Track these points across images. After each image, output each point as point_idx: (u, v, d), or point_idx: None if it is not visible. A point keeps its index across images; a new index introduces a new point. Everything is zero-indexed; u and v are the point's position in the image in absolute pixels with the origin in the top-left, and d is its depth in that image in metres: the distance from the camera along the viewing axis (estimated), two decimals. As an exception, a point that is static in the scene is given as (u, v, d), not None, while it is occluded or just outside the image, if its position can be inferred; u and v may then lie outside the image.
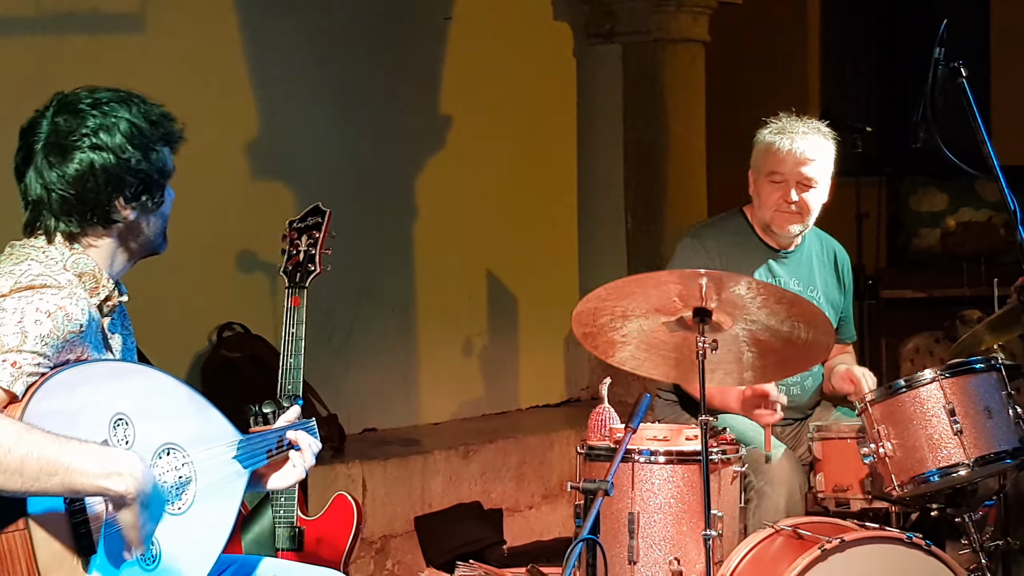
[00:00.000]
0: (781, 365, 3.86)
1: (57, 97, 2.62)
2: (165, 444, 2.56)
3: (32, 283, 2.44)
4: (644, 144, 7.11)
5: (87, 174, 2.54)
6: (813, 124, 4.28)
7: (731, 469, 3.78)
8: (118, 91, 2.65)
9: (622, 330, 3.75)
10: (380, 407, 6.26)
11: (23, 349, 2.35)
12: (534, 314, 6.95)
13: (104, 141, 2.55)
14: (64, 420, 2.35)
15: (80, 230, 2.58)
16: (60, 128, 2.56)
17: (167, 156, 2.66)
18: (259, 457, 2.81)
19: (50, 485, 2.28)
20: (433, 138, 6.52)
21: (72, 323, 2.44)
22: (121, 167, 2.56)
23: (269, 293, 5.69)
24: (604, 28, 7.18)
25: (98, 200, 2.56)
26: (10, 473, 2.24)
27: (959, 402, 3.71)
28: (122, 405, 2.47)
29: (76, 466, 2.30)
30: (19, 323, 2.37)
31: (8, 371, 2.33)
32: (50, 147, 2.55)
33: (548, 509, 6.13)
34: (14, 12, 5.10)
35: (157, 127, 2.63)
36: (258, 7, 5.82)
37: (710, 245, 4.30)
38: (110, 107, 2.59)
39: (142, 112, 2.62)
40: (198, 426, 2.65)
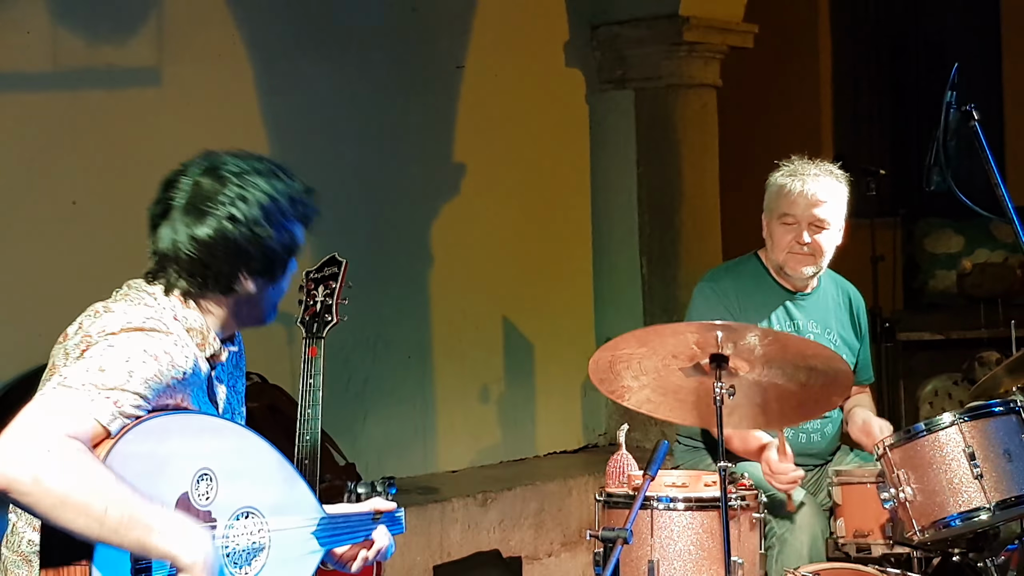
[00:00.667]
0: (799, 410, 3.85)
1: (206, 156, 2.63)
2: (245, 507, 2.55)
3: (142, 325, 2.46)
4: (657, 189, 7.13)
5: (218, 242, 2.56)
6: (825, 166, 4.29)
7: (751, 515, 3.76)
8: (265, 162, 2.65)
9: (639, 377, 3.75)
10: (397, 455, 6.25)
11: (126, 389, 2.36)
12: (551, 360, 6.94)
13: (241, 212, 2.56)
14: (150, 465, 2.36)
15: (199, 292, 2.60)
16: (202, 190, 2.57)
17: (299, 233, 2.67)
18: (339, 539, 2.79)
19: (125, 539, 2.29)
20: (447, 186, 6.54)
21: (176, 370, 2.46)
22: (251, 241, 2.57)
23: (286, 342, 5.70)
24: (616, 74, 7.21)
25: (223, 269, 2.58)
26: (92, 519, 2.25)
27: (979, 446, 3.69)
28: (210, 461, 2.47)
29: (154, 527, 2.30)
30: (126, 362, 2.39)
31: (109, 408, 2.34)
32: (189, 207, 2.56)
33: (567, 556, 6.10)
34: (32, 67, 5.15)
35: (296, 205, 2.65)
36: (273, 60, 5.86)
37: (727, 289, 4.31)
38: (253, 178, 2.59)
39: (285, 188, 2.63)
40: (282, 495, 2.63)
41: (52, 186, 5.12)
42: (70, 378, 2.35)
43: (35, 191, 5.08)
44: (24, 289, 5.03)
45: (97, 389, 2.34)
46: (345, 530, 2.81)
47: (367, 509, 2.90)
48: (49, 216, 5.11)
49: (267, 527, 2.59)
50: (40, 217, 5.09)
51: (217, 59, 5.69)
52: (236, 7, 5.76)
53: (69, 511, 2.24)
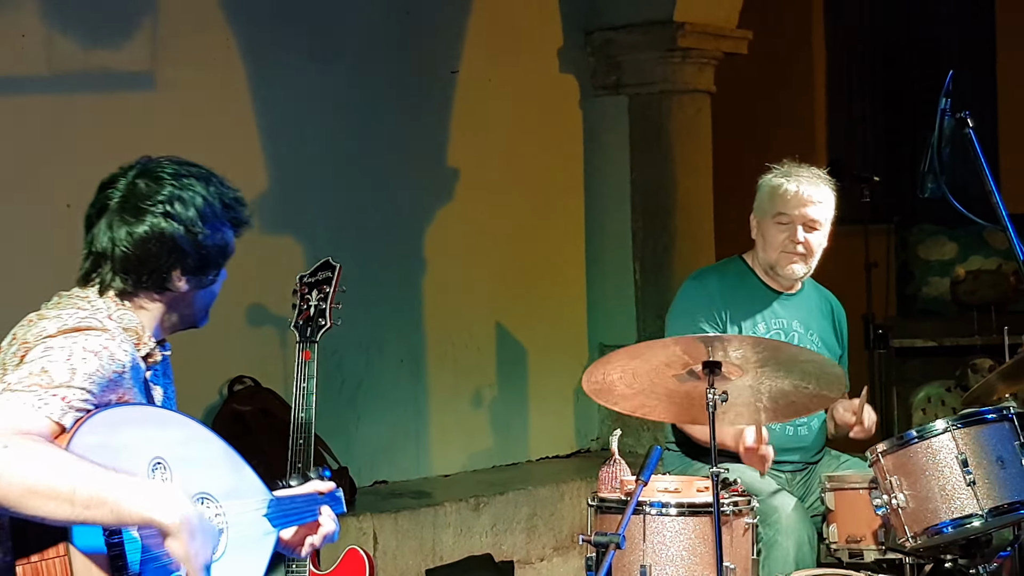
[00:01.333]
0: (792, 407, 3.88)
1: (142, 160, 2.71)
2: (200, 493, 2.58)
3: (78, 325, 2.52)
4: (651, 194, 7.13)
5: (154, 239, 2.62)
6: (814, 171, 4.39)
7: (743, 521, 3.76)
8: (200, 168, 2.74)
9: (632, 384, 3.76)
10: (390, 459, 6.25)
11: (72, 385, 2.40)
12: (543, 365, 6.95)
13: (178, 212, 2.63)
14: (106, 456, 2.38)
15: (133, 290, 2.65)
16: (139, 190, 2.64)
17: (231, 238, 2.75)
18: (289, 520, 2.83)
19: (99, 514, 2.31)
20: (441, 191, 6.55)
21: (116, 363, 2.50)
22: (187, 240, 2.64)
23: (279, 346, 5.70)
24: (610, 80, 7.21)
25: (158, 266, 2.64)
26: (61, 501, 2.28)
27: (972, 452, 3.69)
28: (161, 450, 2.51)
29: (125, 497, 2.33)
30: (68, 360, 2.43)
31: (59, 404, 2.37)
32: (126, 205, 2.64)
33: (559, 561, 6.10)
34: (26, 71, 5.15)
35: (229, 209, 2.73)
36: (267, 64, 5.86)
37: (712, 287, 4.37)
38: (189, 181, 2.68)
39: (219, 192, 2.71)
40: (232, 480, 2.68)
41: (47, 189, 5.11)
42: (14, 383, 2.40)
43: (30, 194, 5.08)
44: (18, 293, 5.02)
45: (43, 389, 2.38)
46: (294, 511, 2.86)
47: (309, 491, 2.94)
48: (44, 220, 5.10)
49: (223, 511, 2.62)
50: (35, 221, 5.09)
51: (211, 63, 5.69)
52: (230, 11, 5.76)
53: (37, 498, 2.27)
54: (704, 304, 4.30)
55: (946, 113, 3.63)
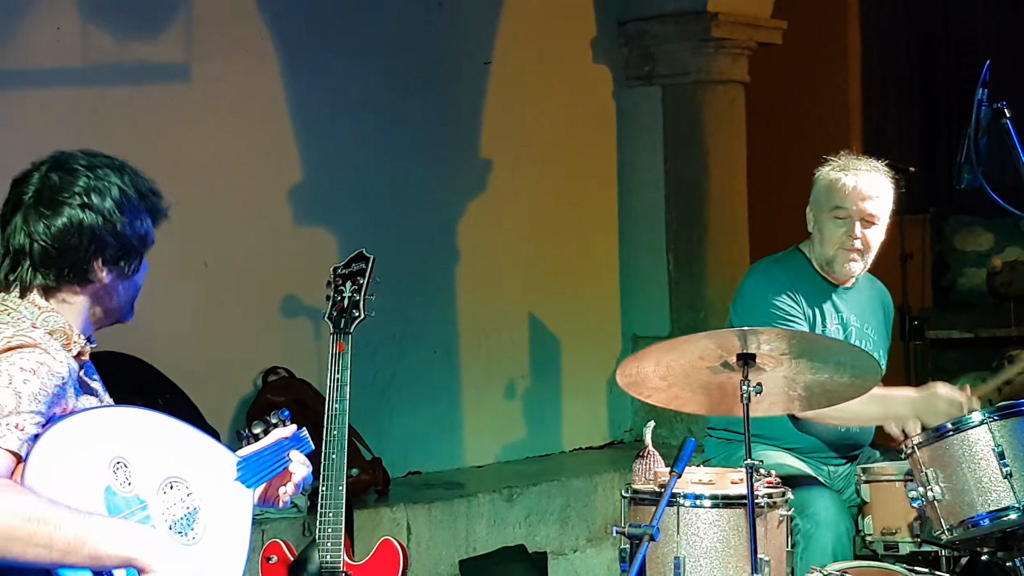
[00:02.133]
0: (827, 396, 3.86)
1: (54, 155, 2.68)
2: (167, 478, 2.59)
3: (8, 345, 2.45)
4: (684, 185, 7.12)
5: (73, 230, 2.59)
6: (873, 163, 4.31)
7: (778, 513, 3.75)
8: (112, 158, 2.71)
9: (667, 377, 3.75)
10: (424, 450, 6.26)
11: (20, 410, 2.37)
12: (577, 356, 6.94)
13: (94, 202, 2.61)
14: (66, 472, 2.38)
15: (56, 284, 2.62)
16: (52, 183, 2.61)
17: (150, 228, 2.72)
18: (261, 475, 2.85)
19: (78, 559, 2.32)
20: (474, 182, 6.55)
21: (56, 377, 2.45)
22: (106, 230, 2.61)
23: (313, 337, 5.72)
24: (643, 70, 7.20)
25: (78, 257, 2.61)
26: (40, 547, 2.28)
27: (1008, 444, 3.66)
28: (117, 448, 2.50)
29: (102, 539, 2.34)
30: (9, 385, 2.38)
31: (15, 435, 2.35)
32: (41, 199, 2.60)
33: (593, 552, 6.10)
34: (61, 63, 5.18)
35: (145, 199, 2.71)
36: (300, 56, 5.88)
37: (780, 278, 4.31)
38: (104, 171, 2.65)
39: (133, 182, 2.69)
40: (195, 455, 2.68)
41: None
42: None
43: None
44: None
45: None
46: (264, 465, 2.86)
47: (272, 440, 2.94)
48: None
49: (193, 489, 2.63)
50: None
51: (245, 55, 5.70)
52: (264, 3, 5.78)
53: (16, 546, 2.27)
54: (781, 291, 4.25)
55: (983, 103, 3.61)
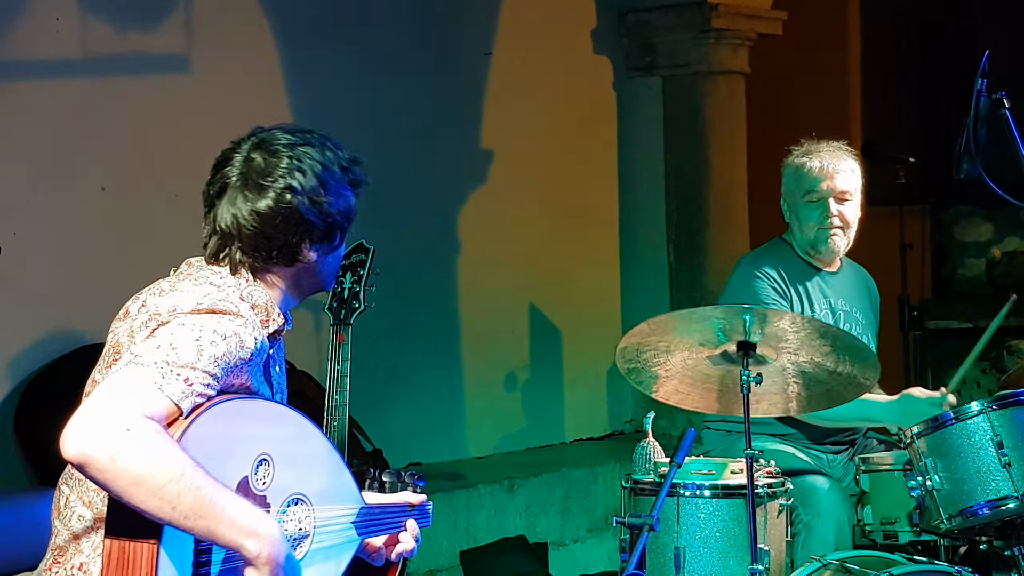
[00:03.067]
0: (826, 396, 3.86)
1: (255, 133, 2.67)
2: (295, 494, 2.57)
3: (213, 307, 2.48)
4: (685, 176, 7.12)
5: (279, 214, 2.59)
6: (834, 144, 4.40)
7: (777, 503, 3.76)
8: (312, 133, 2.70)
9: (665, 365, 3.75)
10: (424, 441, 6.27)
11: (196, 367, 2.37)
12: (577, 347, 6.95)
13: (299, 183, 2.59)
14: (218, 448, 2.38)
15: (264, 266, 2.63)
16: (257, 165, 2.60)
17: (353, 200, 2.71)
18: (374, 530, 2.82)
19: (195, 525, 2.30)
20: (475, 173, 6.55)
21: (243, 350, 2.47)
22: (312, 210, 2.61)
23: (313, 329, 5.72)
24: (644, 61, 7.20)
25: (286, 240, 2.61)
26: (165, 502, 2.26)
27: (1007, 434, 3.67)
28: (268, 446, 2.49)
29: (225, 516, 2.32)
30: (197, 340, 2.40)
31: (180, 386, 2.34)
32: (247, 182, 2.59)
33: (593, 543, 6.11)
34: (62, 54, 5.17)
35: (347, 172, 2.70)
36: (300, 46, 5.88)
37: (767, 268, 4.34)
38: (305, 149, 2.64)
39: (335, 157, 2.68)
40: (329, 483, 2.66)
41: (81, 173, 5.15)
42: (142, 356, 2.36)
43: (64, 178, 5.11)
44: (53, 275, 5.06)
45: (169, 367, 2.35)
46: (381, 521, 2.84)
47: (400, 501, 2.93)
48: (78, 203, 5.14)
49: (313, 515, 2.61)
50: (69, 204, 5.12)
51: (245, 45, 5.70)
52: (264, -6, 5.78)
53: (143, 492, 2.25)
54: (766, 282, 4.29)
55: (982, 94, 3.61)
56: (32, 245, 4.99)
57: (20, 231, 4.98)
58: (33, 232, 5.00)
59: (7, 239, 4.72)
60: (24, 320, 4.98)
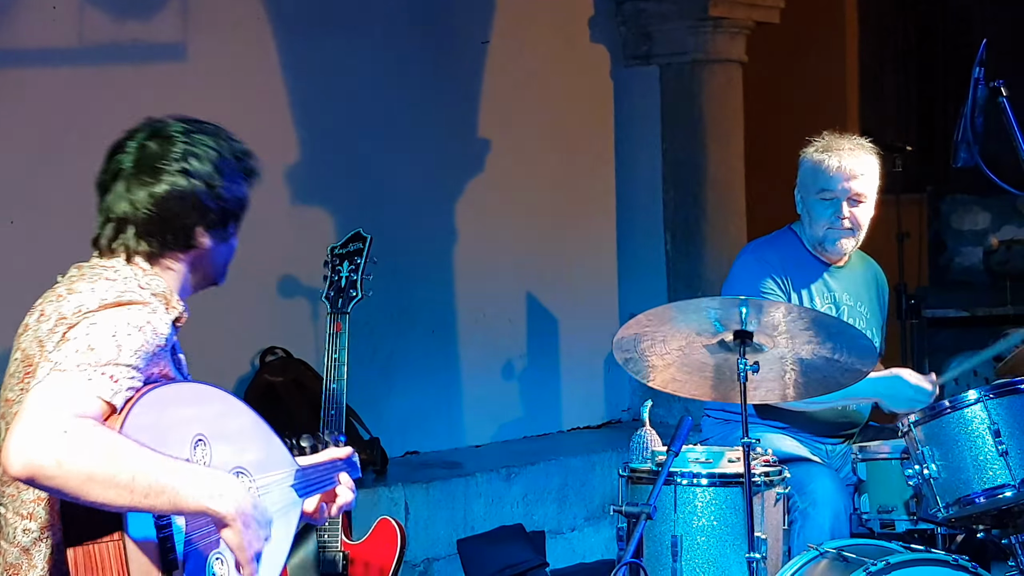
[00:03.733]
0: (823, 383, 3.86)
1: (148, 122, 2.71)
2: (235, 467, 2.59)
3: (119, 300, 2.49)
4: (682, 165, 7.12)
5: (175, 197, 2.61)
6: (856, 140, 4.33)
7: (774, 491, 3.76)
8: (206, 123, 2.74)
9: (662, 353, 3.75)
10: (422, 430, 6.27)
11: (119, 362, 2.38)
12: (574, 336, 6.95)
13: (194, 167, 2.63)
14: (155, 436, 2.38)
15: (159, 251, 2.64)
16: (151, 151, 2.63)
17: (246, 190, 2.74)
18: (312, 488, 2.86)
19: (158, 502, 2.32)
20: (472, 162, 6.54)
21: (159, 337, 2.48)
22: (207, 194, 2.64)
23: (310, 317, 5.72)
24: (641, 50, 7.19)
25: (182, 224, 2.63)
26: (122, 489, 2.28)
27: (1005, 422, 3.68)
28: (202, 426, 2.52)
29: (183, 486, 2.34)
30: (113, 336, 2.41)
31: (108, 384, 2.36)
32: (141, 167, 2.62)
33: (591, 531, 6.12)
34: (57, 42, 5.17)
35: (241, 161, 2.72)
36: (298, 34, 5.87)
37: (771, 259, 4.33)
38: (199, 136, 2.67)
39: (228, 145, 2.70)
40: (263, 452, 2.70)
41: (78, 161, 5.12)
42: (62, 362, 2.37)
43: (61, 166, 5.10)
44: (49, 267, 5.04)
45: (92, 367, 2.35)
46: (317, 479, 2.88)
47: (329, 458, 2.97)
48: (74, 191, 5.12)
49: (255, 485, 2.64)
50: (66, 192, 5.11)
51: (242, 33, 5.69)
52: (261, -18, 5.77)
53: (97, 486, 2.27)
54: (766, 274, 4.27)
55: (979, 82, 3.60)
56: (28, 234, 4.99)
57: (16, 219, 4.97)
58: (29, 221, 5.00)
59: (3, 228, 4.71)
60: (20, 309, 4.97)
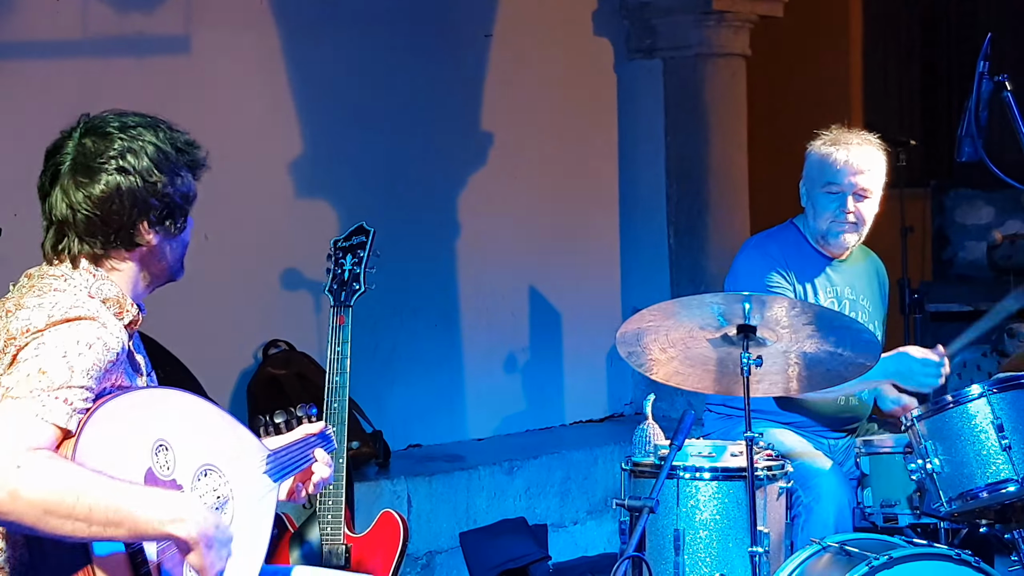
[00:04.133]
0: (827, 376, 3.86)
1: (84, 119, 2.64)
2: (203, 466, 2.58)
3: (66, 316, 2.43)
4: (686, 159, 7.11)
5: (113, 196, 2.55)
6: (864, 136, 4.32)
7: (777, 485, 3.77)
8: (145, 116, 2.67)
9: (667, 349, 3.75)
10: (424, 423, 6.27)
11: (72, 385, 2.35)
12: (577, 329, 6.95)
13: (131, 164, 2.56)
14: (111, 451, 2.37)
15: (103, 252, 2.59)
16: (87, 149, 2.57)
17: (191, 182, 2.67)
18: (287, 471, 2.84)
19: (117, 533, 2.30)
20: (475, 155, 6.54)
21: (110, 352, 2.44)
22: (147, 191, 2.57)
23: (314, 310, 5.72)
24: (645, 43, 7.18)
25: (123, 222, 2.57)
26: (80, 522, 2.26)
27: (1008, 417, 3.67)
28: (161, 431, 2.49)
29: (141, 513, 2.31)
30: (64, 357, 2.37)
31: (62, 409, 2.33)
32: (77, 167, 2.56)
33: (593, 525, 6.12)
34: (62, 35, 5.16)
35: (183, 153, 2.65)
36: (301, 27, 5.86)
37: (774, 253, 4.32)
38: (137, 131, 2.60)
39: (168, 138, 2.63)
40: (230, 444, 2.67)
41: (82, 153, 5.14)
42: (14, 388, 2.33)
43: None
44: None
45: (45, 393, 2.32)
46: (290, 460, 2.86)
47: (301, 436, 2.94)
48: (79, 183, 5.13)
49: (226, 478, 2.62)
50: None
51: (246, 27, 5.69)
52: (264, -26, 5.77)
53: (53, 519, 2.25)
54: (772, 268, 4.27)
55: (984, 76, 3.60)
56: (33, 226, 4.97)
57: (21, 212, 4.96)
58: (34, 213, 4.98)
59: (8, 220, 4.71)
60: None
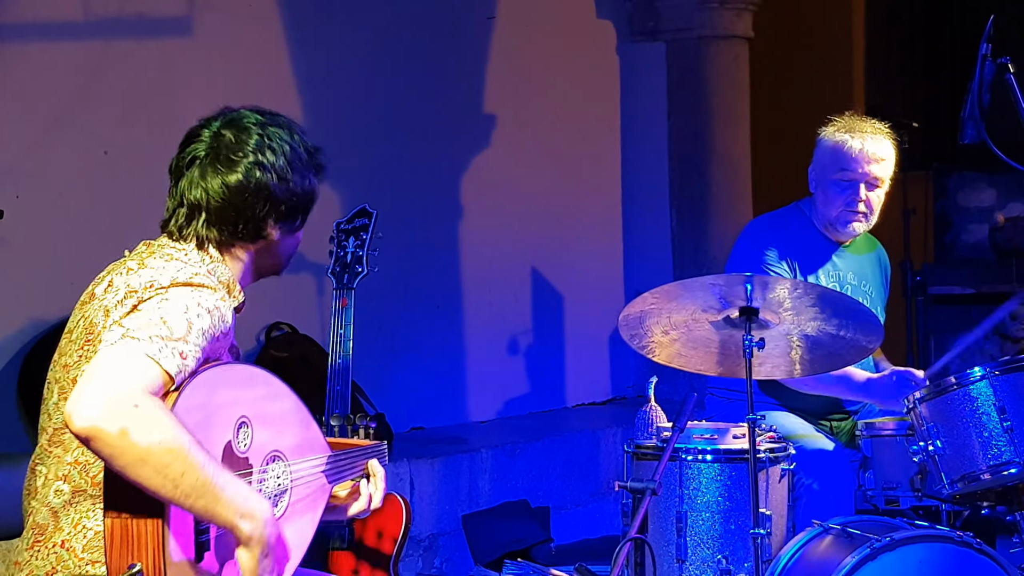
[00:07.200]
0: (829, 359, 3.86)
1: (224, 112, 2.73)
2: (273, 451, 2.61)
3: (190, 280, 2.52)
4: (688, 142, 7.11)
5: (248, 188, 2.64)
6: (876, 125, 4.30)
7: (779, 467, 3.77)
8: (279, 115, 2.77)
9: (669, 331, 3.76)
10: (427, 406, 6.28)
11: (188, 340, 2.41)
12: (579, 312, 6.95)
13: (269, 160, 2.66)
14: (203, 417, 2.40)
15: (229, 240, 2.68)
16: (226, 140, 2.65)
17: (316, 184, 2.78)
18: (341, 475, 2.87)
19: (194, 504, 2.33)
20: (477, 137, 6.54)
21: (224, 324, 2.52)
22: (280, 188, 2.67)
23: (316, 293, 5.73)
24: (647, 26, 7.17)
25: (253, 214, 2.66)
26: (168, 480, 2.28)
27: (1010, 399, 3.67)
28: (246, 409, 2.53)
29: (223, 496, 2.35)
30: (184, 313, 2.44)
31: (176, 360, 2.37)
32: (217, 156, 2.64)
33: (596, 507, 6.13)
34: (62, 16, 5.16)
35: (312, 156, 2.76)
36: (304, 10, 5.85)
37: (776, 235, 4.32)
38: (275, 130, 2.70)
39: (301, 140, 2.74)
40: (301, 437, 2.71)
41: (83, 136, 5.14)
42: (135, 330, 2.38)
43: (66, 141, 5.10)
44: (55, 238, 5.06)
45: (163, 340, 2.37)
46: (346, 466, 2.89)
47: (357, 443, 3.00)
48: (80, 166, 5.13)
49: (290, 469, 2.65)
50: (71, 167, 5.11)
51: (247, 8, 5.68)
52: (266, -43, 5.75)
53: (148, 469, 2.27)
54: (770, 245, 4.26)
55: (987, 58, 3.60)
56: (34, 209, 4.99)
57: (23, 194, 4.97)
58: (35, 196, 5.00)
59: (10, 203, 4.71)
60: (27, 284, 4.98)
